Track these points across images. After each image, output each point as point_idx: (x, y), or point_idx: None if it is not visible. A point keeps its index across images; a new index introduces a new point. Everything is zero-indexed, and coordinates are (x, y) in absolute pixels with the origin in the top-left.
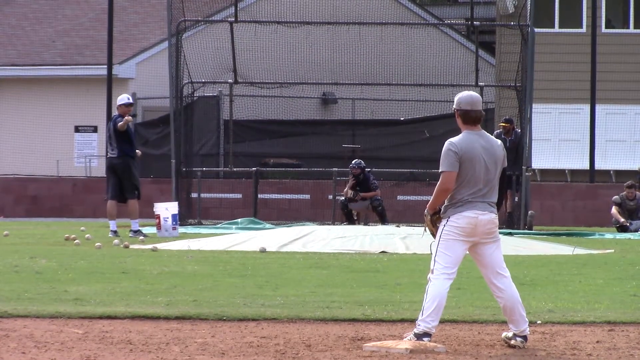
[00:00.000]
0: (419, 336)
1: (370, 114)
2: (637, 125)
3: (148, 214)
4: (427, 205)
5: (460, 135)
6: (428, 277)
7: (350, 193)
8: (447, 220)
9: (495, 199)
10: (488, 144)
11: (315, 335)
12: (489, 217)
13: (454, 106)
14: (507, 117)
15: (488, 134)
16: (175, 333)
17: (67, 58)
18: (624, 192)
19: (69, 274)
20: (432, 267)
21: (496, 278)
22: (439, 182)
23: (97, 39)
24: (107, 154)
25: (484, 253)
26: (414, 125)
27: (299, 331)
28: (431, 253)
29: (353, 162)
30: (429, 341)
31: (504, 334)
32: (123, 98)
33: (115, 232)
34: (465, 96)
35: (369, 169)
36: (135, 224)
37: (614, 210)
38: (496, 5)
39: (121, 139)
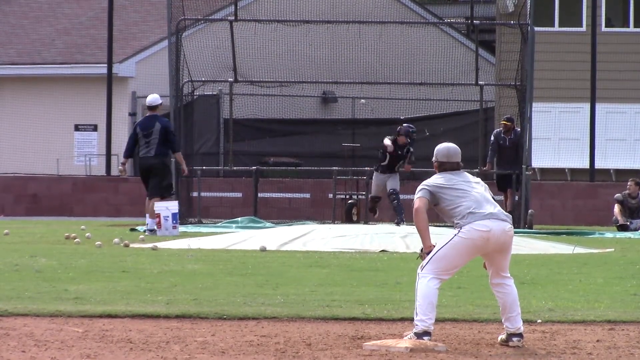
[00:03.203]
0: (419, 335)
1: (370, 112)
2: (637, 124)
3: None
4: (423, 247)
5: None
6: (418, 270)
7: (386, 158)
8: (459, 231)
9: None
10: (465, 178)
11: (316, 334)
12: (502, 227)
13: (433, 158)
14: (508, 115)
15: (468, 174)
16: (176, 332)
17: (67, 57)
18: (627, 191)
19: (69, 273)
20: (424, 263)
21: (499, 279)
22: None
23: (97, 37)
24: (129, 153)
25: (493, 258)
26: (414, 124)
27: (299, 330)
28: (433, 250)
29: (405, 125)
30: (429, 339)
31: (500, 337)
32: (157, 97)
33: (151, 230)
34: (442, 148)
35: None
36: (152, 223)
37: (616, 208)
38: (496, 4)
39: (167, 138)
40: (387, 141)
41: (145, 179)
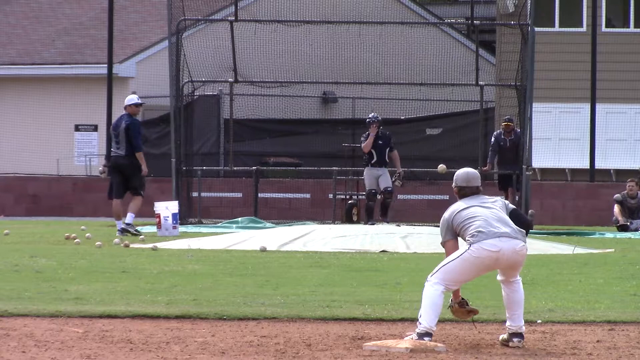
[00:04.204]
0: (421, 335)
1: (370, 112)
2: (637, 124)
3: (148, 213)
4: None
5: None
6: (428, 277)
7: (368, 147)
8: (469, 248)
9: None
10: (482, 200)
11: (316, 335)
12: (514, 246)
13: (453, 184)
14: (508, 116)
15: (486, 197)
16: (176, 332)
17: (67, 57)
18: (626, 191)
19: (69, 273)
20: (436, 270)
21: (508, 282)
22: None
23: (97, 37)
24: (110, 153)
25: (504, 271)
26: (414, 124)
27: (299, 330)
28: (443, 261)
29: (371, 115)
30: (430, 340)
31: (501, 337)
32: (133, 98)
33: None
34: (462, 174)
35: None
36: (131, 217)
37: (616, 208)
38: (496, 5)
39: (127, 138)
40: (362, 143)
41: (113, 177)
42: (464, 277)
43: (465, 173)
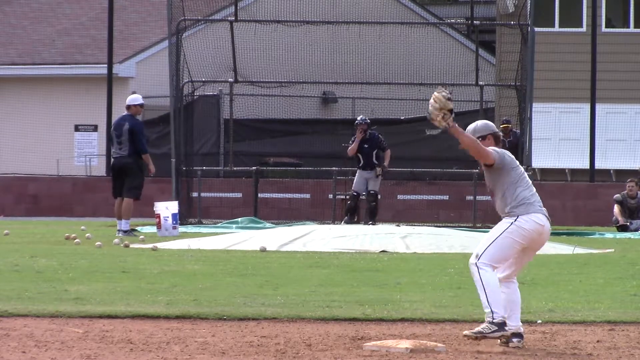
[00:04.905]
0: (500, 325)
1: (370, 113)
2: (637, 124)
3: (148, 213)
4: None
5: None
6: (473, 262)
7: (354, 151)
8: (516, 219)
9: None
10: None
11: (316, 335)
12: (549, 227)
13: (482, 133)
14: (506, 118)
15: None
16: (176, 332)
17: (67, 57)
18: (625, 191)
19: (69, 273)
20: (479, 252)
21: (510, 281)
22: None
23: (97, 38)
24: (111, 153)
25: (526, 254)
26: (414, 124)
27: (299, 330)
28: (486, 238)
29: (359, 118)
30: (507, 331)
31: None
32: (137, 98)
33: (123, 231)
34: (485, 123)
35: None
36: (126, 224)
37: (616, 209)
38: (496, 5)
39: (134, 139)
40: (349, 148)
41: (116, 178)
42: (508, 254)
43: (486, 122)
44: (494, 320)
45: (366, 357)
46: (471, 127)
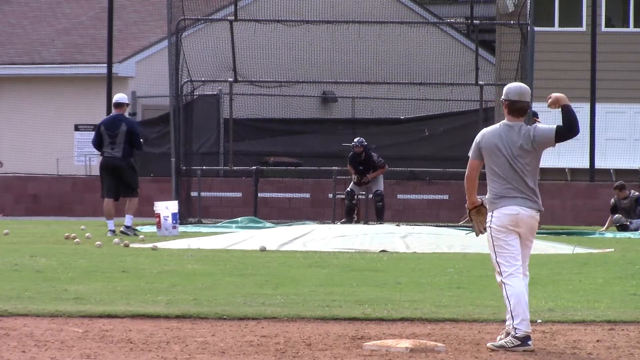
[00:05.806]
0: (524, 340)
1: (370, 112)
2: (636, 124)
3: (148, 212)
4: (467, 201)
5: (494, 125)
6: (498, 280)
7: (355, 178)
8: (491, 217)
9: (535, 188)
10: (511, 138)
11: (316, 334)
12: (530, 212)
13: (502, 97)
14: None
15: (525, 125)
16: (176, 332)
17: (67, 57)
18: (615, 196)
19: (69, 273)
20: (497, 268)
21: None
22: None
23: (96, 37)
24: (102, 153)
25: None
26: (413, 123)
27: (299, 330)
28: (490, 253)
29: (355, 140)
30: (530, 346)
31: (498, 338)
32: (125, 96)
33: (113, 231)
34: (515, 87)
35: (370, 147)
36: (129, 219)
37: (609, 220)
38: (496, 4)
39: (132, 139)
40: (348, 163)
41: (106, 178)
42: (511, 246)
43: (518, 86)
44: (516, 335)
45: (366, 356)
46: (506, 87)
